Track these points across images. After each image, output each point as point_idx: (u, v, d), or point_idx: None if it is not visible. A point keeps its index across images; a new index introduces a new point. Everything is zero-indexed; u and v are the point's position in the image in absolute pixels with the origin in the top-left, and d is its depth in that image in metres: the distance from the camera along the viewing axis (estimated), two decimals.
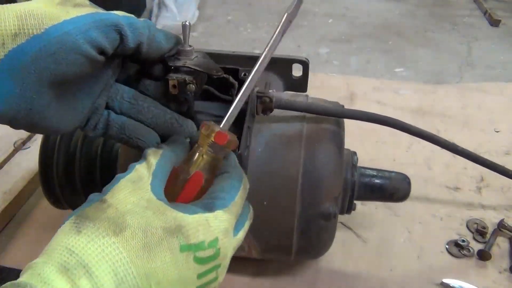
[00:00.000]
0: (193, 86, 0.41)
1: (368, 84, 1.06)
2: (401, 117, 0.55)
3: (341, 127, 0.54)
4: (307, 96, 0.57)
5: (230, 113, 0.39)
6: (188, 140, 0.42)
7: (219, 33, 1.81)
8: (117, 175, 0.35)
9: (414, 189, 0.60)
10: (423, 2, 2.06)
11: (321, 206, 0.51)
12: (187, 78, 0.40)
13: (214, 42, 1.74)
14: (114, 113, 0.43)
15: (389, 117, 0.54)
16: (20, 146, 0.83)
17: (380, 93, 1.02)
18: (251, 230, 0.52)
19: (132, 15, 0.38)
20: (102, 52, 0.36)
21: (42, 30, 0.33)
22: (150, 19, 2.15)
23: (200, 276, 0.33)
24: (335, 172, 0.51)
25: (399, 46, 1.62)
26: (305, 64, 0.60)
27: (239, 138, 0.45)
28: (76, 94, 0.39)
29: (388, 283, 0.62)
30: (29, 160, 0.79)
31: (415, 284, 0.62)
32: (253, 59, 0.57)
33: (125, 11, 0.39)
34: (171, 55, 0.41)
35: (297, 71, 0.61)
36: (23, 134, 0.84)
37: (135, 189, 0.34)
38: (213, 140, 0.38)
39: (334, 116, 0.53)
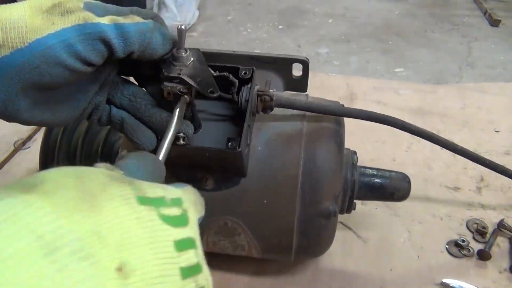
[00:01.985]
0: (187, 98, 0.41)
1: (368, 84, 1.06)
2: (401, 117, 0.55)
3: (341, 125, 0.55)
4: (307, 95, 0.57)
5: (165, 147, 0.37)
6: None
7: (219, 33, 1.81)
8: None
9: (414, 189, 0.60)
10: (423, 2, 2.06)
11: (321, 204, 0.51)
12: (181, 88, 0.40)
13: (214, 42, 1.74)
14: (115, 107, 0.43)
15: (389, 116, 0.54)
16: (20, 146, 0.83)
17: (380, 93, 1.02)
18: (251, 228, 0.52)
19: (125, 21, 0.36)
20: (91, 64, 0.35)
21: (25, 44, 0.32)
22: None
23: (178, 246, 0.23)
24: (335, 170, 0.51)
25: (399, 46, 1.62)
26: (305, 64, 0.60)
27: (240, 137, 0.45)
28: (68, 95, 0.39)
29: (388, 283, 0.62)
30: (29, 160, 0.79)
31: (415, 284, 0.62)
32: (253, 59, 0.57)
33: None
34: (165, 58, 0.41)
35: (297, 71, 0.61)
36: (23, 134, 0.84)
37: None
38: None
39: (334, 114, 0.53)
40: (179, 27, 0.39)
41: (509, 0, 2.04)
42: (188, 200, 0.27)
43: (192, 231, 0.25)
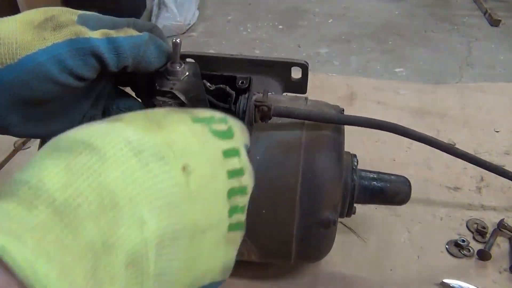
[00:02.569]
0: None
1: (368, 84, 1.06)
2: (401, 117, 0.55)
3: (340, 133, 0.54)
4: (306, 98, 0.57)
5: None
6: None
7: (219, 33, 1.81)
8: None
9: (414, 189, 0.60)
10: (423, 2, 2.06)
11: (320, 214, 0.50)
12: (173, 103, 0.40)
13: (214, 42, 1.73)
14: None
15: (388, 122, 0.54)
16: (20, 146, 0.83)
17: (380, 93, 1.02)
18: (250, 237, 0.52)
19: (119, 34, 0.36)
20: (82, 79, 0.35)
21: (15, 60, 0.32)
22: (150, 19, 2.15)
23: (225, 153, 0.29)
24: (335, 179, 0.51)
25: (399, 46, 1.62)
26: (304, 67, 0.59)
27: None
28: (61, 109, 0.38)
29: (388, 283, 0.62)
30: (29, 160, 0.79)
31: (415, 284, 0.62)
32: (251, 62, 0.57)
33: (125, 11, 0.39)
34: (160, 70, 0.40)
35: (296, 73, 0.61)
36: None
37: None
38: None
39: (334, 123, 0.53)
40: (173, 40, 0.39)
41: (509, 0, 2.04)
42: (232, 119, 0.31)
43: (236, 142, 0.30)
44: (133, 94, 0.46)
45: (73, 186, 0.21)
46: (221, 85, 0.46)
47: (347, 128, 0.56)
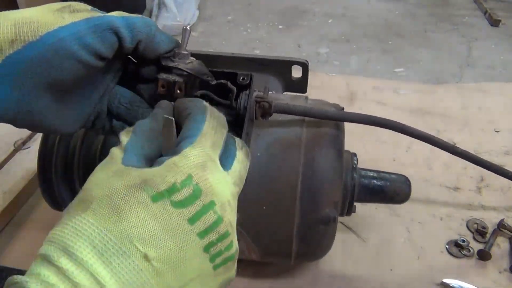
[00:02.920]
0: (182, 89, 0.41)
1: (368, 84, 1.06)
2: (401, 117, 0.55)
3: (340, 130, 0.54)
4: (306, 97, 0.57)
5: None
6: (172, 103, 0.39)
7: (219, 33, 1.81)
8: None
9: (414, 189, 0.60)
10: (423, 2, 2.05)
11: (320, 211, 0.50)
12: (177, 79, 0.40)
13: (214, 42, 1.73)
14: (113, 116, 0.44)
15: (388, 120, 0.54)
16: (20, 146, 0.83)
17: (380, 93, 1.02)
18: (251, 234, 0.52)
19: (131, 15, 0.38)
20: (100, 57, 0.36)
21: (37, 37, 0.33)
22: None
23: (191, 220, 0.29)
24: (335, 177, 0.51)
25: (399, 46, 1.62)
26: (304, 66, 0.59)
27: None
28: (75, 98, 0.40)
29: (388, 283, 0.62)
30: (29, 160, 0.79)
31: (415, 284, 0.62)
32: (252, 61, 0.57)
33: (125, 11, 0.39)
34: (167, 56, 0.42)
35: (296, 72, 0.61)
36: (23, 134, 0.84)
37: (105, 167, 0.32)
38: None
39: (334, 120, 0.53)
40: (184, 27, 0.41)
41: (509, 0, 2.04)
42: (200, 167, 0.31)
43: (206, 197, 0.30)
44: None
45: None
46: (222, 80, 0.46)
47: (347, 128, 0.56)
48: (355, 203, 0.57)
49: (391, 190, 0.58)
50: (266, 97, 0.48)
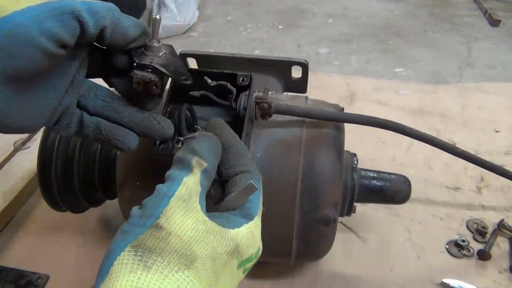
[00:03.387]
0: (158, 88, 0.39)
1: (368, 84, 1.06)
2: (401, 117, 0.55)
3: (340, 130, 0.54)
4: (306, 97, 0.57)
5: None
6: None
7: (219, 33, 1.81)
8: (160, 189, 0.33)
9: (414, 189, 0.60)
10: (423, 2, 2.06)
11: (320, 212, 0.50)
12: (153, 77, 0.39)
13: (214, 42, 1.74)
14: (87, 112, 0.41)
15: (389, 121, 0.54)
16: (20, 146, 0.83)
17: (380, 93, 1.02)
18: None
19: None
20: (62, 44, 0.33)
21: None
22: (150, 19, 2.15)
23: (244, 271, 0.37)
24: (335, 177, 0.51)
25: (399, 46, 1.62)
26: (304, 66, 0.59)
27: None
28: (38, 90, 0.36)
29: (388, 283, 0.62)
30: (29, 160, 0.79)
31: (415, 284, 0.62)
32: (252, 61, 0.57)
33: (125, 11, 0.38)
34: (137, 46, 0.39)
35: (296, 72, 0.61)
36: (23, 134, 0.84)
37: (188, 210, 0.33)
38: None
39: (334, 121, 0.53)
40: (154, 16, 0.38)
41: (509, 0, 2.04)
42: (261, 239, 0.38)
43: (251, 261, 0.36)
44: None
45: None
46: (222, 81, 0.46)
47: (347, 128, 0.56)
48: (355, 203, 0.57)
49: (391, 190, 0.58)
50: (266, 97, 0.48)
